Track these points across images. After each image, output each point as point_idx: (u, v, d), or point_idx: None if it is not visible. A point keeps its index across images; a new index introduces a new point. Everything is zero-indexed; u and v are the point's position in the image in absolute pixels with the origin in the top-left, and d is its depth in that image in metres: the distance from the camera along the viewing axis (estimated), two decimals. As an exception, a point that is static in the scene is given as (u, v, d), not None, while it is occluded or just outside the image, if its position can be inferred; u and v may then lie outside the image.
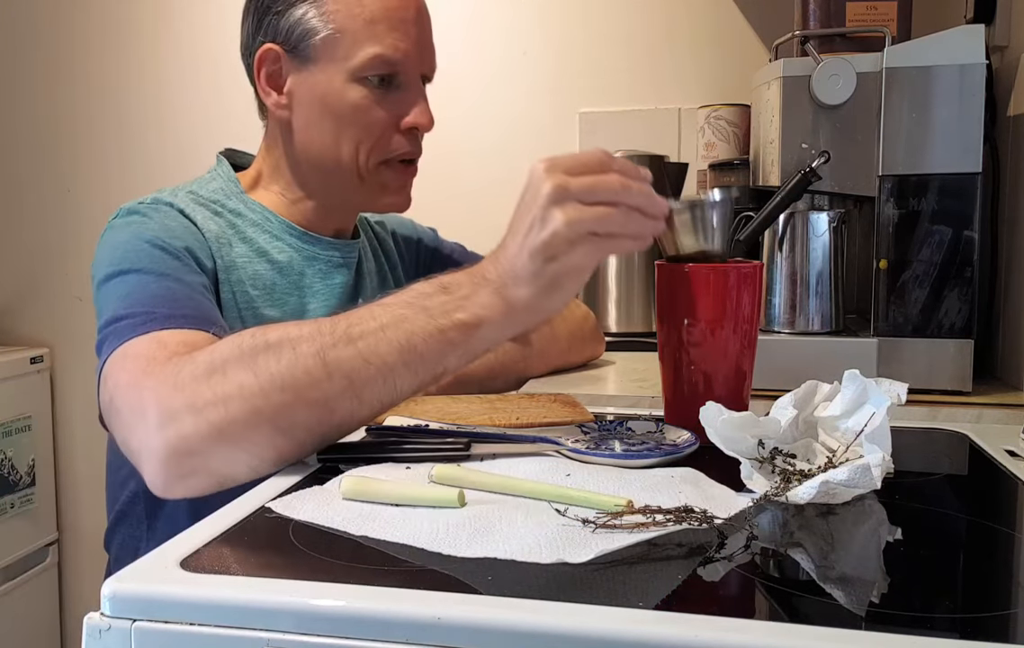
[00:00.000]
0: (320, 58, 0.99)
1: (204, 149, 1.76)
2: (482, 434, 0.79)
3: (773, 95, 1.04)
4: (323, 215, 1.07)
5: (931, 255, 1.00)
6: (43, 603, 1.90)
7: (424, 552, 0.55)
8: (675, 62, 1.57)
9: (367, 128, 1.01)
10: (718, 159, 1.41)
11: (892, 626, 0.48)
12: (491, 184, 1.65)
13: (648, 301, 1.38)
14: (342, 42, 0.98)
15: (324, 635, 0.48)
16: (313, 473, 0.74)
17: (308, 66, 1.00)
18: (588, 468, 0.72)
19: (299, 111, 1.01)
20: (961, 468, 0.82)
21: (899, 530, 0.63)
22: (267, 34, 1.01)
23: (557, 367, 1.17)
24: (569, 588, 0.51)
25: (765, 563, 0.57)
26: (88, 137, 1.86)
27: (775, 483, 0.67)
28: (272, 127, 1.06)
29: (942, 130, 0.98)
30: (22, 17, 1.87)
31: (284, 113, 1.02)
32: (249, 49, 1.03)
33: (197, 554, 0.56)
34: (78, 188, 1.88)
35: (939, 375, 1.00)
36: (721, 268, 0.80)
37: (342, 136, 1.01)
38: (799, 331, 1.06)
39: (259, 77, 1.01)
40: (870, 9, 1.05)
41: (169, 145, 1.82)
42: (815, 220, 1.05)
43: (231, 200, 1.04)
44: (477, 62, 1.66)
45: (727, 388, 0.81)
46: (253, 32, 1.02)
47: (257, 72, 1.01)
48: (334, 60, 0.99)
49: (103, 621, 0.51)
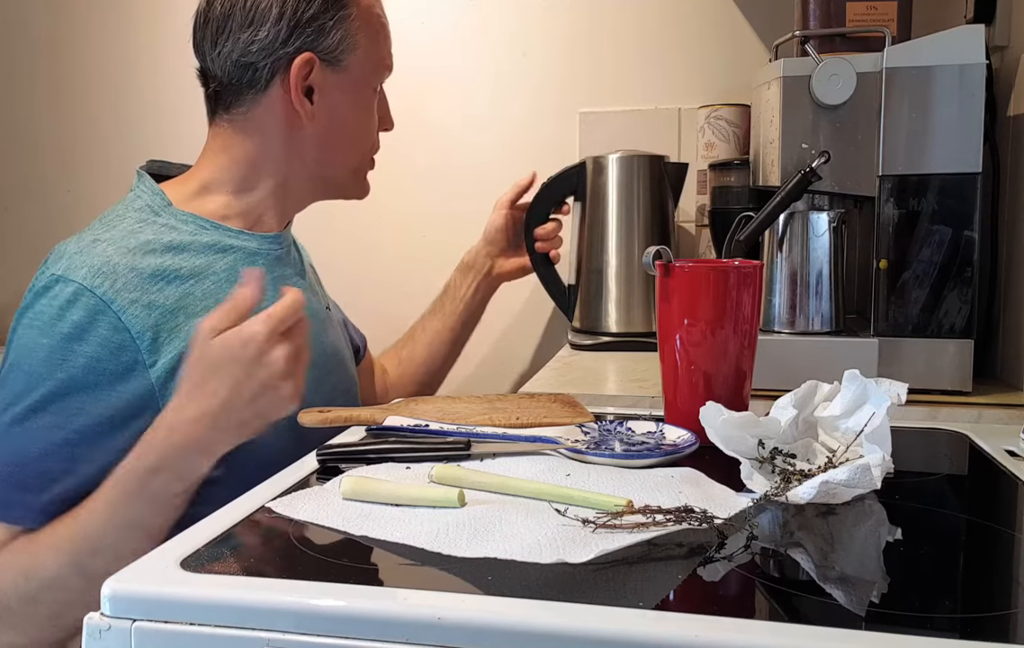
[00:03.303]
0: (349, 69, 1.05)
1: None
2: (482, 434, 0.79)
3: (773, 95, 1.04)
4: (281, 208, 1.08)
5: (931, 255, 1.00)
6: (43, 603, 1.90)
7: (424, 552, 0.55)
8: (675, 62, 1.57)
9: (371, 133, 1.11)
10: (718, 159, 1.41)
11: (892, 626, 0.48)
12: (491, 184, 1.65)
13: (648, 301, 1.38)
14: (369, 58, 1.07)
15: (324, 635, 0.48)
16: (313, 473, 0.74)
17: (338, 75, 1.05)
18: (588, 468, 0.72)
19: (322, 116, 1.05)
20: (961, 468, 0.82)
21: (899, 530, 0.63)
22: (304, 43, 1.02)
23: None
24: (569, 588, 0.51)
25: (765, 563, 0.57)
26: (88, 137, 1.86)
27: (775, 483, 0.67)
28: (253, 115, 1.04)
29: (942, 130, 0.98)
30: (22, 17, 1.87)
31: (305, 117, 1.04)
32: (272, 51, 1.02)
33: (197, 554, 0.56)
34: (78, 188, 1.88)
35: (939, 375, 1.00)
36: (721, 268, 0.80)
37: (359, 138, 1.10)
38: (799, 331, 1.06)
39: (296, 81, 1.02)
40: (870, 9, 1.05)
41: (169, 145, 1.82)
42: (815, 220, 1.05)
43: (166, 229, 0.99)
44: (477, 63, 1.66)
45: (727, 388, 0.81)
46: (282, 39, 1.02)
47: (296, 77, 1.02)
48: (363, 74, 1.07)
49: (103, 621, 0.51)
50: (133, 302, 0.90)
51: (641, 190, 1.39)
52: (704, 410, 0.72)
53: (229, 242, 1.01)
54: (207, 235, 1.00)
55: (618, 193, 1.39)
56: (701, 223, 1.49)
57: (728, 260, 0.96)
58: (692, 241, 1.55)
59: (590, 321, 1.41)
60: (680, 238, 1.54)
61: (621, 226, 1.39)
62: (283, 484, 0.70)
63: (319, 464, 0.75)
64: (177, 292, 0.94)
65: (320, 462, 0.75)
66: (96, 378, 0.88)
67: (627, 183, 1.39)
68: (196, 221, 1.00)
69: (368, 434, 0.83)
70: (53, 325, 0.89)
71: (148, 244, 0.95)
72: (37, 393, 0.88)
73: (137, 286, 0.91)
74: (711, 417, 0.72)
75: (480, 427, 0.83)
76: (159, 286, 0.93)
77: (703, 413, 0.72)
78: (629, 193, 1.39)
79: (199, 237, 0.99)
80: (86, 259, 0.92)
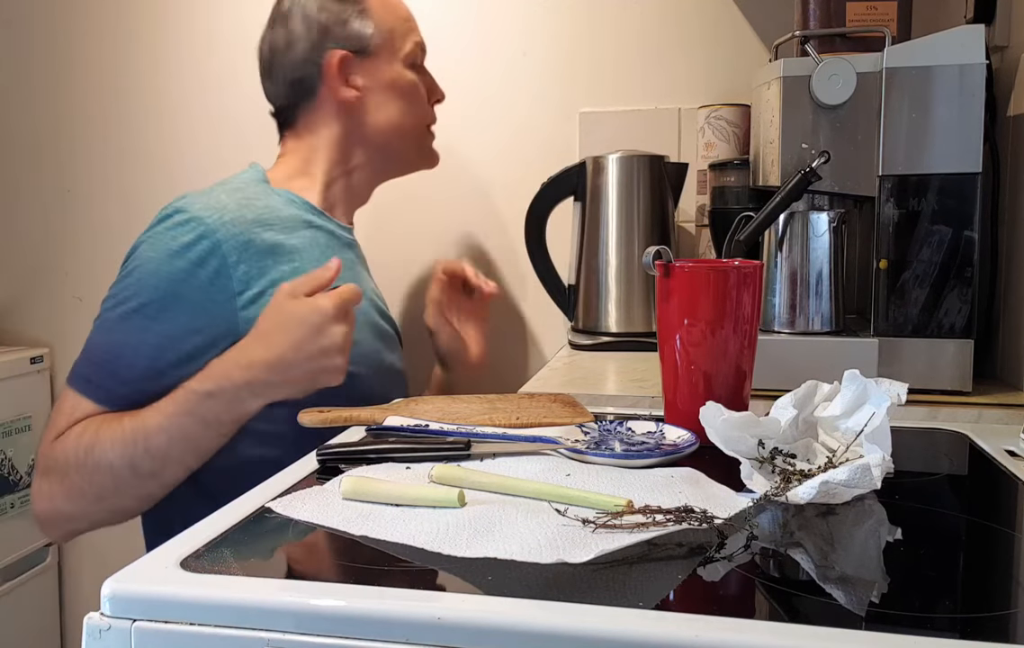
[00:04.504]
0: (380, 52, 1.23)
1: (204, 148, 1.76)
2: (482, 434, 0.79)
3: (773, 95, 1.04)
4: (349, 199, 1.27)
5: (931, 255, 1.00)
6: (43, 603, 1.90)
7: (424, 552, 0.55)
8: (675, 62, 1.57)
9: (421, 102, 1.28)
10: (718, 159, 1.41)
11: (892, 626, 0.48)
12: (491, 184, 1.65)
13: (648, 301, 1.38)
14: (394, 38, 1.24)
15: (324, 635, 0.48)
16: (313, 473, 0.74)
17: (373, 60, 1.22)
18: (588, 468, 0.72)
19: (370, 97, 1.23)
20: (961, 468, 0.82)
21: (899, 530, 0.63)
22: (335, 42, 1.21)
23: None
24: (569, 588, 0.51)
25: (765, 563, 0.57)
26: (88, 137, 1.86)
27: (775, 483, 0.67)
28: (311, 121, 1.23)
29: (942, 130, 0.98)
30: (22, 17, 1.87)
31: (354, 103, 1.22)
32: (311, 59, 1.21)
33: (197, 554, 0.56)
34: (78, 188, 1.87)
35: (939, 375, 1.00)
36: (721, 268, 0.80)
37: (408, 110, 1.26)
38: (799, 331, 1.06)
39: (334, 76, 1.20)
40: (870, 9, 1.05)
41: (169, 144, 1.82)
42: (815, 220, 1.05)
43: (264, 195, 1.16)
44: (477, 63, 1.65)
45: (727, 388, 0.81)
46: (316, 45, 1.21)
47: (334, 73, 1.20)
48: (392, 53, 1.24)
49: (103, 621, 0.51)
50: (235, 236, 1.05)
51: (641, 190, 1.39)
52: (704, 410, 0.72)
53: (312, 218, 1.18)
54: (298, 209, 1.17)
55: (618, 193, 1.39)
56: (701, 223, 1.49)
57: (728, 260, 0.96)
58: (692, 241, 1.55)
59: (590, 321, 1.41)
60: (680, 238, 1.54)
61: (621, 226, 1.39)
62: (283, 484, 0.70)
63: (319, 464, 0.75)
64: (272, 240, 1.09)
65: (320, 462, 0.75)
66: (191, 293, 1.02)
67: (627, 183, 1.39)
68: (288, 196, 1.18)
69: (368, 434, 0.83)
70: (165, 243, 1.04)
71: (254, 197, 1.12)
72: (141, 297, 1.02)
73: (241, 225, 1.06)
74: (711, 417, 0.72)
75: (480, 427, 0.83)
76: (258, 230, 1.08)
77: (703, 413, 0.72)
78: (629, 193, 1.39)
79: (291, 209, 1.16)
80: (203, 198, 1.09)
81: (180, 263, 1.02)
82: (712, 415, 0.72)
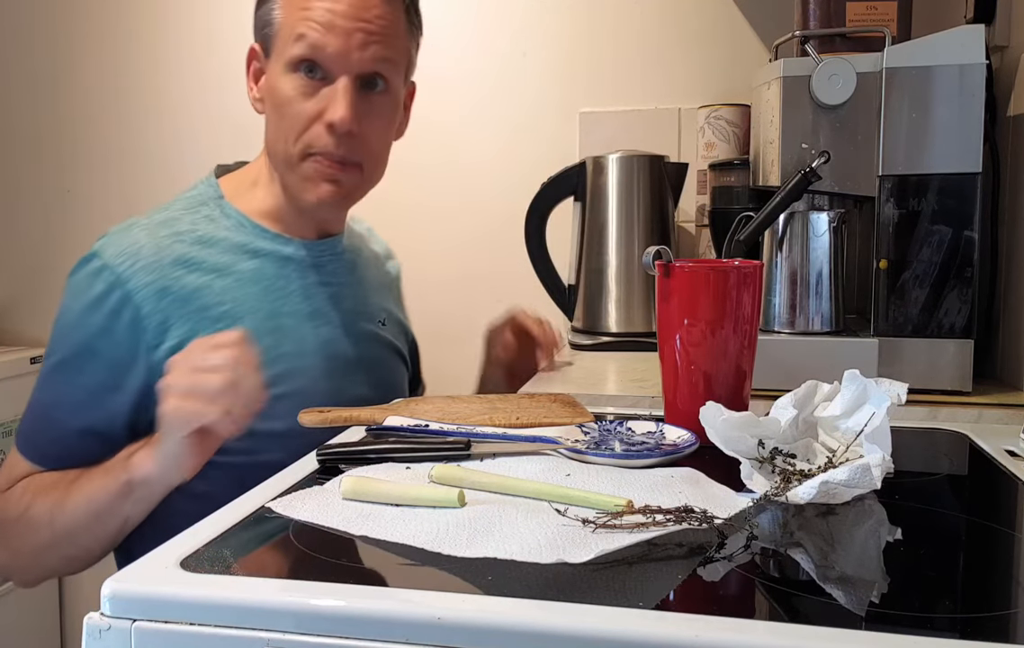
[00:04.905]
0: (272, 51, 1.02)
1: (204, 148, 1.76)
2: (482, 434, 0.79)
3: (773, 95, 1.04)
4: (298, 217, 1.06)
5: (931, 255, 1.00)
6: (43, 603, 1.90)
7: (424, 552, 0.55)
8: (675, 62, 1.57)
9: (293, 119, 0.99)
10: (718, 159, 1.41)
11: (892, 626, 0.48)
12: (491, 184, 1.65)
13: (648, 301, 1.38)
14: (282, 34, 1.00)
15: (324, 635, 0.48)
16: (313, 473, 0.74)
17: (269, 60, 1.02)
18: (588, 468, 0.72)
19: (266, 103, 1.04)
20: (961, 468, 0.82)
21: (899, 530, 0.63)
22: (254, 33, 1.05)
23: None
24: (569, 588, 0.51)
25: (765, 563, 0.57)
26: (88, 137, 1.86)
27: (775, 483, 0.67)
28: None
29: (942, 130, 0.98)
30: (21, 17, 1.87)
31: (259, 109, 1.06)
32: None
33: (197, 554, 0.56)
34: (78, 188, 1.88)
35: (939, 375, 1.00)
36: (721, 268, 0.80)
37: (279, 126, 1.01)
38: (799, 331, 1.06)
39: (247, 74, 1.06)
40: (870, 9, 1.05)
41: (169, 144, 1.82)
42: (815, 220, 1.05)
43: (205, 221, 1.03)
44: (477, 63, 1.66)
45: (727, 388, 0.81)
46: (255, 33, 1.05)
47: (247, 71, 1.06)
48: (279, 53, 1.00)
49: (103, 621, 0.51)
50: (148, 284, 0.96)
51: (641, 190, 1.39)
52: (704, 410, 0.72)
53: (261, 245, 1.04)
54: (242, 234, 1.04)
55: (618, 193, 1.39)
56: (701, 223, 1.49)
57: (728, 260, 0.96)
58: (692, 241, 1.55)
59: (590, 321, 1.41)
60: (680, 238, 1.54)
61: (621, 226, 1.39)
62: (283, 484, 0.70)
63: (319, 464, 0.75)
64: (195, 284, 0.98)
65: (320, 462, 0.75)
66: (108, 349, 0.95)
67: (627, 183, 1.39)
68: (238, 217, 1.04)
69: (368, 434, 0.83)
70: (82, 291, 0.97)
71: (179, 233, 1.00)
72: (63, 351, 0.97)
73: (156, 273, 0.97)
74: (711, 417, 0.72)
75: (480, 427, 0.83)
76: (178, 273, 0.98)
77: (703, 413, 0.72)
78: (629, 193, 1.39)
79: (233, 235, 1.03)
80: (119, 240, 0.99)
81: (95, 317, 0.95)
82: (712, 415, 0.72)
